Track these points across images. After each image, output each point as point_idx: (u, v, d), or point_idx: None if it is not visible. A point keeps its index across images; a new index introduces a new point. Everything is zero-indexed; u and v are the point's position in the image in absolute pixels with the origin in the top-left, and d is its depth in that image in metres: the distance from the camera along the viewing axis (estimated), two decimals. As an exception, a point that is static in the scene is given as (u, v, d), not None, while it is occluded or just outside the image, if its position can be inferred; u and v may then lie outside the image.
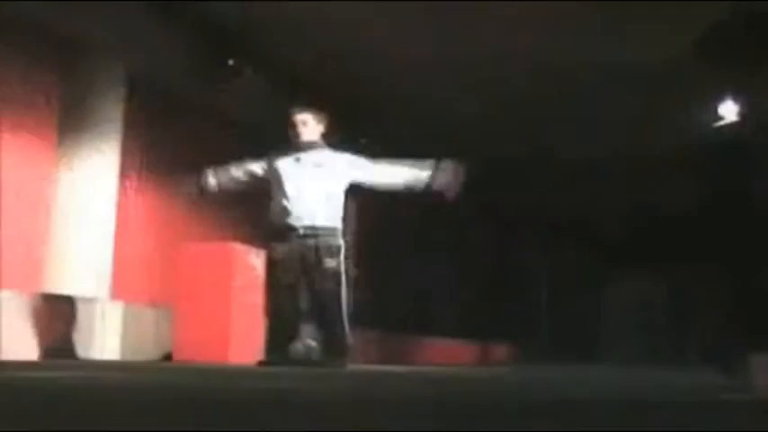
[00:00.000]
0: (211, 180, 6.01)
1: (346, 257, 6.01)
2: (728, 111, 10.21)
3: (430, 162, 6.03)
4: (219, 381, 4.35)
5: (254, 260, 7.83)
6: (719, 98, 10.12)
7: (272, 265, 5.89)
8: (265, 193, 5.98)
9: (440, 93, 11.06)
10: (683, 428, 2.37)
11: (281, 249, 5.80)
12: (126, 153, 8.04)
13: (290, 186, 5.85)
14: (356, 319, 13.05)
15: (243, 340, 7.54)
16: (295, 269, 5.76)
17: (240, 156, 6.30)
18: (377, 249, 12.91)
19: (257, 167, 6.04)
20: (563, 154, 13.49)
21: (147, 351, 7.78)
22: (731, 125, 10.29)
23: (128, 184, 8.21)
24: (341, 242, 5.92)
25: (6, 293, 6.45)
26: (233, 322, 7.44)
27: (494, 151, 13.46)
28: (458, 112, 11.82)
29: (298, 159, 5.94)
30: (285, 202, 5.82)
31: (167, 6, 8.34)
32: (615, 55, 9.48)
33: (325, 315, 5.78)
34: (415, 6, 8.44)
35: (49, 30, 7.48)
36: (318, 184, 5.87)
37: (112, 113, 7.90)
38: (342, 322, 5.79)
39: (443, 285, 16.18)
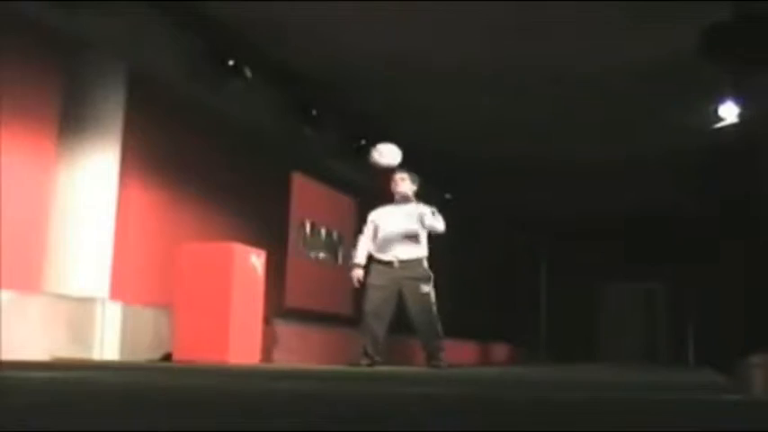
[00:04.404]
0: (361, 261, 7.84)
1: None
2: (729, 111, 10.20)
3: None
4: (219, 381, 4.35)
5: (255, 260, 7.84)
6: (720, 98, 10.12)
7: (371, 288, 7.69)
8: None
9: (440, 92, 11.06)
10: (683, 428, 2.37)
11: (380, 277, 7.66)
12: (126, 153, 8.04)
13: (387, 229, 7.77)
14: (357, 321, 13.06)
15: (243, 340, 7.55)
16: (392, 292, 7.66)
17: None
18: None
19: (371, 228, 7.89)
20: (563, 154, 13.49)
21: (147, 351, 7.78)
22: (732, 126, 10.28)
23: (128, 183, 8.21)
24: (430, 272, 7.77)
25: (6, 293, 6.45)
26: (233, 322, 7.44)
27: (494, 151, 13.48)
28: (454, 111, 11.83)
29: (394, 208, 7.88)
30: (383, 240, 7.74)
31: (168, 6, 8.34)
32: (614, 55, 9.49)
33: (426, 328, 7.66)
34: (415, 6, 8.44)
35: (50, 29, 7.48)
36: (407, 227, 7.74)
37: (113, 113, 7.91)
38: (439, 333, 7.71)
39: (443, 285, 16.15)
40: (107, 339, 7.38)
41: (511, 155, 13.60)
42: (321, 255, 12.49)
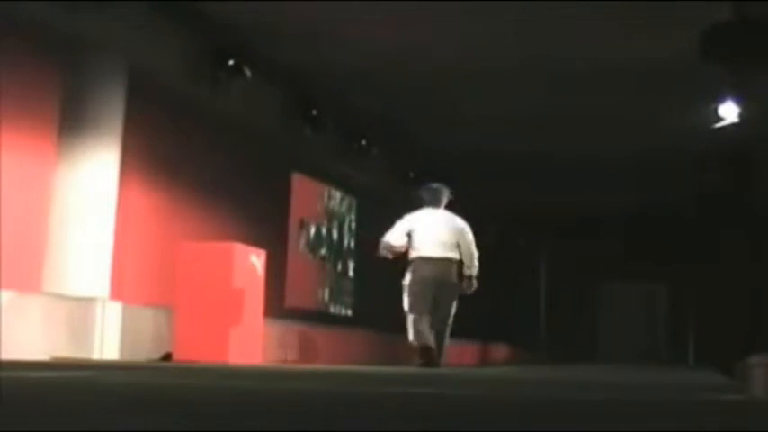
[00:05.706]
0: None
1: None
2: (729, 111, 10.19)
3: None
4: (219, 381, 4.35)
5: (254, 260, 7.84)
6: (720, 98, 10.11)
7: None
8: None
9: (439, 91, 11.05)
10: (684, 428, 2.37)
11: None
12: (126, 153, 8.03)
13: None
14: (356, 320, 13.08)
15: (243, 340, 7.55)
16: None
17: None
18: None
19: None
20: (564, 153, 13.49)
21: (147, 351, 7.78)
22: (732, 126, 10.27)
23: (128, 184, 8.21)
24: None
25: (6, 293, 6.45)
26: (233, 322, 7.44)
27: (494, 150, 13.48)
28: (454, 111, 11.83)
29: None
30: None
31: (168, 6, 8.34)
32: (615, 54, 9.48)
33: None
34: (415, 6, 8.43)
35: (51, 28, 7.47)
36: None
37: (113, 112, 7.90)
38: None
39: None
40: (107, 339, 7.37)
41: (511, 154, 13.59)
42: (321, 254, 12.49)
